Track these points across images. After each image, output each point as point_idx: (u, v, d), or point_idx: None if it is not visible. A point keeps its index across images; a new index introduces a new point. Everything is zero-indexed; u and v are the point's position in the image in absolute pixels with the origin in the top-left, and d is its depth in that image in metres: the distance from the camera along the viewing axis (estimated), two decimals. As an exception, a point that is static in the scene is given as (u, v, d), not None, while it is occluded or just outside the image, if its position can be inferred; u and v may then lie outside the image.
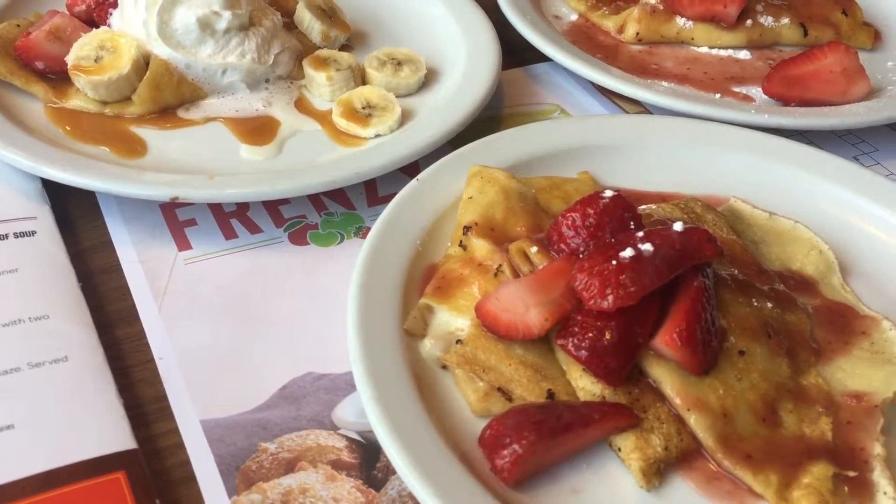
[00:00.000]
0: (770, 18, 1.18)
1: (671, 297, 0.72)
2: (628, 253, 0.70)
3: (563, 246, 0.76)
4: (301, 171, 0.91)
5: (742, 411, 0.70)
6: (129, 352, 0.76)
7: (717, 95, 1.10)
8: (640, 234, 0.73)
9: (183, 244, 0.87)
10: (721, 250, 0.75)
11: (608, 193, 0.77)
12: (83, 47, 0.97)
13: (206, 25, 0.99)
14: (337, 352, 0.76)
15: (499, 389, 0.71)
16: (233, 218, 0.90)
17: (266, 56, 1.03)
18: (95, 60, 0.96)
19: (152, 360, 0.75)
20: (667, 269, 0.71)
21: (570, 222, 0.76)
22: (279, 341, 0.78)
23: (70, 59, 0.96)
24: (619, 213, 0.76)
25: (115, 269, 0.83)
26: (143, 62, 0.98)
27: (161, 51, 0.98)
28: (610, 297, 0.69)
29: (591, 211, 0.76)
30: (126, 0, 1.00)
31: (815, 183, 0.94)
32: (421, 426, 0.67)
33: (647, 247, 0.71)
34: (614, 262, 0.70)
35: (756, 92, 1.11)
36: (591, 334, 0.69)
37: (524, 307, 0.71)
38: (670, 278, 0.71)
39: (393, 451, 0.64)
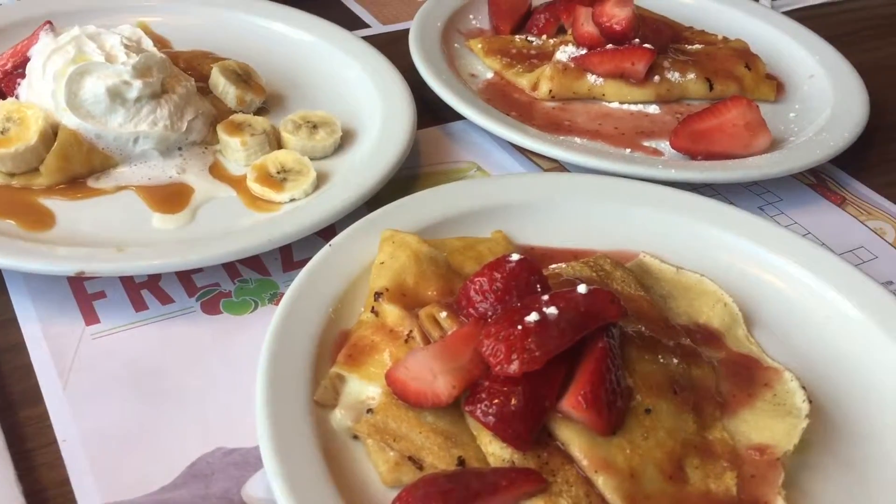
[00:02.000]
0: (677, 74, 1.22)
1: (577, 358, 0.73)
2: (533, 317, 0.71)
3: (471, 311, 0.77)
4: (212, 239, 0.91)
5: (649, 470, 0.71)
6: (31, 434, 0.74)
7: (628, 150, 1.13)
8: (546, 297, 0.74)
9: (91, 318, 0.85)
10: (625, 311, 0.76)
11: (514, 257, 0.78)
12: (-11, 119, 0.96)
13: (116, 95, 0.98)
14: (248, 425, 0.75)
15: (409, 458, 0.71)
16: (143, 289, 0.89)
17: (179, 123, 1.03)
18: (2, 132, 0.95)
19: (55, 442, 0.73)
20: (571, 331, 0.72)
21: (477, 287, 0.77)
22: (189, 416, 0.77)
23: (-25, 132, 0.95)
24: (525, 277, 0.77)
25: (20, 347, 0.82)
26: (52, 132, 0.97)
27: (70, 121, 0.97)
28: (516, 362, 0.69)
29: (497, 275, 0.77)
30: (34, 71, 0.99)
31: (719, 236, 0.96)
32: (329, 502, 0.66)
33: (552, 310, 0.72)
34: (520, 327, 0.71)
35: (665, 146, 1.15)
36: (498, 400, 0.70)
37: (432, 375, 0.72)
38: (575, 341, 0.72)
39: (299, 528, 0.64)
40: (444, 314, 0.78)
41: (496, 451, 0.71)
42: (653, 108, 1.22)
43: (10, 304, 0.86)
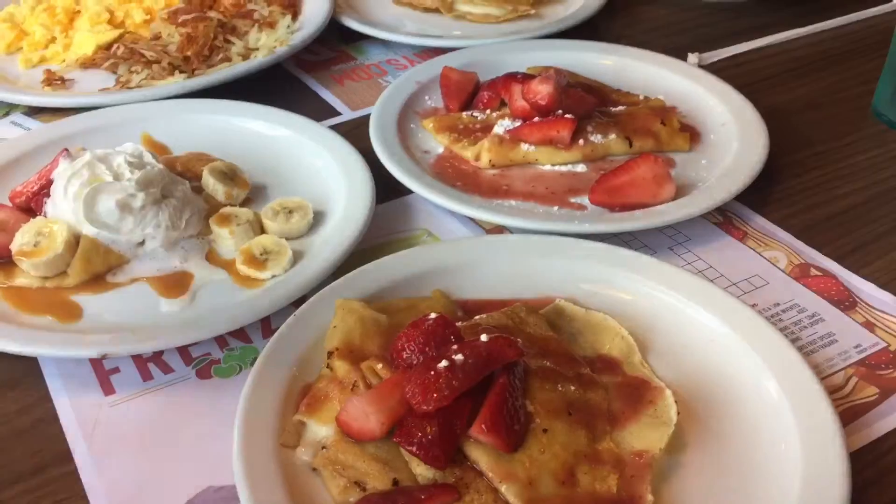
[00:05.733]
0: (599, 136, 1.41)
1: (485, 392, 0.92)
2: (443, 364, 0.90)
3: (400, 361, 0.96)
4: (208, 317, 1.12)
5: (545, 478, 0.89)
6: (64, 488, 0.95)
7: (556, 208, 1.32)
8: (455, 346, 0.93)
9: (108, 389, 1.07)
10: (522, 351, 0.95)
11: (433, 316, 0.97)
12: (24, 235, 1.19)
13: (124, 206, 1.21)
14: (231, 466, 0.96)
15: (356, 483, 0.91)
16: (150, 362, 1.11)
17: (179, 222, 1.25)
18: (34, 245, 1.18)
19: (84, 493, 0.94)
20: (475, 372, 0.91)
21: (403, 342, 0.96)
22: (187, 463, 0.98)
23: (14, 247, 1.18)
24: (441, 331, 0.96)
25: (53, 418, 1.03)
26: (74, 241, 1.20)
27: (89, 230, 1.20)
28: (430, 401, 0.89)
29: (418, 332, 0.96)
30: (57, 192, 1.23)
31: (623, 278, 1.14)
32: (290, 521, 0.86)
33: (459, 357, 0.91)
34: (432, 373, 0.90)
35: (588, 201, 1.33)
36: (419, 431, 0.89)
37: (365, 415, 0.91)
38: (479, 379, 0.91)
39: (265, 543, 0.83)
40: (380, 366, 0.97)
41: (422, 472, 0.90)
42: (581, 167, 1.41)
43: (45, 384, 1.08)
